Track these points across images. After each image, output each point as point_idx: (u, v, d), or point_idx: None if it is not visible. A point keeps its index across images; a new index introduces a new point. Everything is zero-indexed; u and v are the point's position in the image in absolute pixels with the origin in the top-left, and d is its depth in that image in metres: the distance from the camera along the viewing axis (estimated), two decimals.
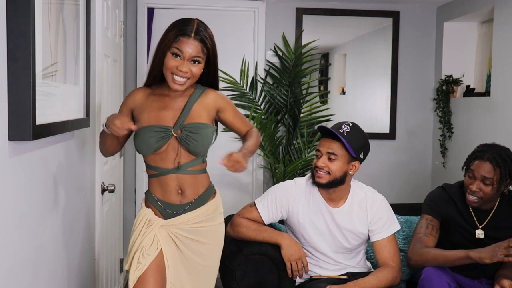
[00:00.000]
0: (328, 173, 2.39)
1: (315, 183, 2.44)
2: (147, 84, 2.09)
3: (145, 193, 2.13)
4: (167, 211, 2.06)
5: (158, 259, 2.02)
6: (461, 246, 2.59)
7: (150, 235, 2.02)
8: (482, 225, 2.61)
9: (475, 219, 2.63)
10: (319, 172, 2.41)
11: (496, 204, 2.62)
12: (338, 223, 2.47)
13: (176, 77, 1.94)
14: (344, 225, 2.47)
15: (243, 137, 2.15)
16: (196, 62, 1.95)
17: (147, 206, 2.10)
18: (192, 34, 1.92)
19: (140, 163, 4.29)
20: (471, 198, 2.56)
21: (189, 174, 2.03)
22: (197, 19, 2.00)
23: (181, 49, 1.92)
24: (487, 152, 2.53)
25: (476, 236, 2.61)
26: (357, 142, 2.39)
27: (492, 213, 2.61)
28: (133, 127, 1.94)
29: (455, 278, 2.49)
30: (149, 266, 1.99)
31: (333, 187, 2.43)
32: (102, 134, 2.06)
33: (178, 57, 1.93)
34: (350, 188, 2.51)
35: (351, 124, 2.43)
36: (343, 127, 2.40)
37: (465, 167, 2.61)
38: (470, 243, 2.61)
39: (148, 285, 1.98)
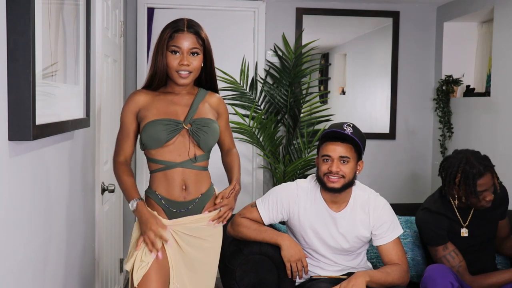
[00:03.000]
0: (343, 176, 2.37)
1: (329, 189, 2.39)
2: (151, 88, 2.10)
3: (146, 191, 2.10)
4: (170, 209, 2.05)
5: (161, 258, 2.02)
6: None
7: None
8: (466, 223, 2.67)
9: (459, 217, 2.68)
10: (331, 177, 2.37)
11: None
12: (340, 227, 2.46)
13: (180, 72, 2.02)
14: (346, 229, 2.46)
15: (224, 157, 2.26)
16: (195, 54, 2.04)
17: (149, 206, 2.07)
18: (185, 28, 2.02)
19: (140, 163, 4.29)
20: (489, 203, 2.60)
21: (195, 169, 2.05)
22: (186, 18, 2.09)
23: (178, 44, 2.01)
24: (476, 165, 2.55)
25: (461, 235, 2.67)
26: (361, 141, 2.41)
27: (472, 210, 2.68)
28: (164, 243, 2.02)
29: (457, 278, 2.50)
30: (152, 265, 1.99)
31: (346, 189, 2.42)
32: (123, 192, 2.09)
33: (178, 53, 2.01)
34: (352, 190, 2.50)
35: (351, 125, 2.42)
36: (345, 128, 2.39)
37: (471, 191, 2.56)
38: (457, 242, 2.66)
39: (151, 283, 1.97)
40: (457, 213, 2.67)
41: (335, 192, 2.41)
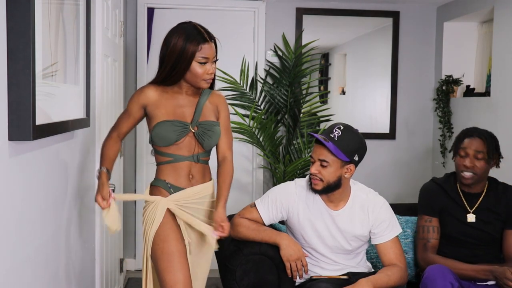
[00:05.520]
0: (321, 180, 2.38)
1: (312, 189, 2.44)
2: (161, 83, 2.19)
3: (153, 182, 2.24)
4: None
5: (176, 230, 2.19)
6: (453, 234, 2.67)
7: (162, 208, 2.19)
8: (473, 209, 2.68)
9: (465, 203, 2.69)
10: (313, 179, 2.41)
11: (485, 188, 2.71)
12: (338, 226, 2.46)
13: (207, 80, 2.15)
14: (345, 228, 2.46)
15: (219, 164, 2.31)
16: (216, 61, 2.17)
17: (158, 193, 2.21)
18: (208, 38, 2.12)
19: (140, 164, 4.29)
20: (466, 175, 2.63)
21: (200, 163, 2.24)
22: (192, 23, 2.16)
23: (206, 55, 2.11)
24: (474, 131, 2.67)
25: (468, 220, 2.67)
26: (349, 146, 2.35)
27: (482, 196, 2.68)
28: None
29: (457, 278, 2.49)
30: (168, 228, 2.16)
31: (330, 192, 2.42)
32: (100, 159, 2.26)
33: (205, 64, 2.12)
34: (351, 190, 2.50)
35: (342, 128, 2.37)
36: (334, 131, 2.36)
37: (454, 148, 2.70)
38: (461, 229, 2.67)
39: (171, 242, 2.14)
40: (462, 197, 2.68)
41: (319, 194, 2.45)
